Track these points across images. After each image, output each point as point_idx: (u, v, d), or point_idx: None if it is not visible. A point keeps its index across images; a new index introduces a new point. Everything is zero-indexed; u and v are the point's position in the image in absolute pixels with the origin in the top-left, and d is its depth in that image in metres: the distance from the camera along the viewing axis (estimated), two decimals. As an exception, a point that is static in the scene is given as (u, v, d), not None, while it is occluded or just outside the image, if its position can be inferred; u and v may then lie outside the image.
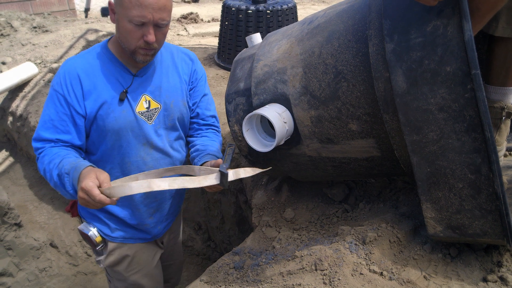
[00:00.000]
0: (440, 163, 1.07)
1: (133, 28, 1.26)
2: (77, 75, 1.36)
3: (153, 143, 1.50)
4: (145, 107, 1.46)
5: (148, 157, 1.52)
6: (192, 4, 7.19)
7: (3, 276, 2.60)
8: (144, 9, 1.22)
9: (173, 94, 1.52)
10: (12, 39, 4.52)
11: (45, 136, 1.36)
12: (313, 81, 1.35)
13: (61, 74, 1.38)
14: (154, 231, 1.68)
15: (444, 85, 0.99)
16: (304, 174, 1.65)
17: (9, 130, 3.85)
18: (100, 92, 1.38)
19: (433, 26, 1.00)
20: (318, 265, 1.19)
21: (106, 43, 1.43)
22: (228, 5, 3.23)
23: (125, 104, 1.42)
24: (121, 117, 1.41)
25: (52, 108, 1.36)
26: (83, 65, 1.39)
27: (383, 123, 1.23)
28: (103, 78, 1.39)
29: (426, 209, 1.14)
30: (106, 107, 1.38)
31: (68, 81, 1.35)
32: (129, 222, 1.60)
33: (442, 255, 1.21)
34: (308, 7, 6.77)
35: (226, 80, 3.22)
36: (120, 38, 1.33)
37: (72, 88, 1.35)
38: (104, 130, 1.40)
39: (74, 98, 1.35)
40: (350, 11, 1.36)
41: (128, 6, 1.22)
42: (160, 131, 1.52)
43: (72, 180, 1.21)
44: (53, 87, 1.38)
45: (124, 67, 1.42)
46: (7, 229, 2.64)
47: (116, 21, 1.31)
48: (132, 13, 1.23)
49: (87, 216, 1.60)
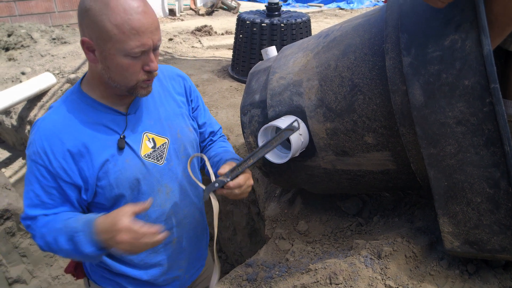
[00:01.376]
0: (458, 177, 1.06)
1: (131, 61, 1.05)
2: (57, 138, 1.09)
3: (168, 185, 1.29)
4: (150, 147, 1.23)
5: (167, 203, 1.30)
6: (206, 17, 7.32)
7: (17, 283, 2.63)
8: (143, 36, 1.01)
9: (176, 122, 1.32)
10: (32, 50, 4.65)
11: (35, 214, 1.13)
12: (329, 93, 1.36)
13: (36, 140, 1.10)
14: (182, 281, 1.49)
15: (462, 98, 0.99)
16: (318, 187, 1.65)
17: (26, 138, 3.93)
18: (94, 151, 1.13)
19: (451, 40, 1.00)
20: (333, 279, 1.18)
21: (78, 88, 1.17)
22: (243, 18, 3.28)
23: (127, 151, 1.18)
24: (126, 169, 1.17)
25: (35, 183, 1.11)
26: (61, 122, 1.12)
27: (400, 136, 1.23)
28: (90, 131, 1.13)
29: (443, 223, 1.13)
30: (106, 165, 1.15)
31: (47, 147, 1.08)
32: (158, 283, 1.40)
33: (459, 271, 1.19)
34: (320, 21, 6.83)
35: (240, 92, 3.25)
36: (113, 78, 1.08)
37: (54, 155, 1.09)
38: (110, 188, 1.17)
39: (59, 167, 1.10)
40: (366, 25, 1.37)
41: (121, 39, 1.00)
42: (174, 169, 1.30)
43: (88, 235, 1.03)
44: (30, 157, 1.11)
45: (111, 109, 1.17)
46: (22, 236, 2.68)
47: (101, 60, 1.06)
48: (129, 45, 1.01)
49: (100, 280, 1.37)
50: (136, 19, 1.00)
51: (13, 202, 2.60)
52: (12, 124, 4.01)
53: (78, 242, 1.04)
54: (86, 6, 1.01)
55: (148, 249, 1.28)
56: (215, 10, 7.74)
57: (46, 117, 1.14)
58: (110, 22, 0.99)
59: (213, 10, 7.69)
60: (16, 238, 2.65)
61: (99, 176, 1.14)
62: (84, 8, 1.02)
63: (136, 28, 1.00)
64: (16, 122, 3.96)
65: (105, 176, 1.15)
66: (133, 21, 1.00)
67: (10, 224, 2.58)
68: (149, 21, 1.02)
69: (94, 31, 1.01)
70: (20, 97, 3.64)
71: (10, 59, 4.56)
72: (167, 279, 1.42)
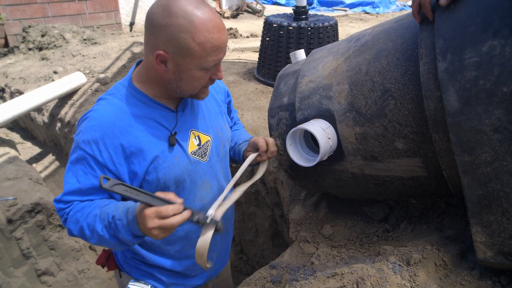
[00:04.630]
0: (493, 186, 1.03)
1: (204, 74, 1.11)
2: (110, 130, 1.11)
3: (208, 181, 1.33)
4: (196, 145, 1.27)
5: (206, 199, 1.33)
6: (231, 20, 7.39)
7: (45, 275, 2.72)
8: (220, 51, 1.09)
9: (217, 121, 1.38)
10: (64, 50, 4.81)
11: (72, 198, 1.14)
12: (359, 98, 1.35)
13: (88, 129, 1.11)
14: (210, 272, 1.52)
15: (500, 106, 0.97)
16: (344, 191, 1.64)
17: (56, 135, 4.07)
18: (145, 146, 1.15)
19: (489, 46, 0.99)
20: (360, 284, 1.17)
21: (130, 82, 1.19)
22: (270, 21, 3.30)
23: (176, 148, 1.21)
24: (175, 165, 1.20)
25: (80, 170, 1.12)
26: (114, 114, 1.13)
27: (432, 143, 1.21)
28: (142, 126, 1.15)
29: (476, 232, 1.10)
30: (156, 160, 1.17)
31: (99, 138, 1.10)
32: (190, 273, 1.43)
33: (491, 282, 1.16)
34: (345, 25, 6.78)
35: (265, 94, 3.27)
36: (182, 87, 1.13)
37: (105, 146, 1.11)
38: (156, 183, 1.19)
39: (108, 158, 1.11)
40: (399, 29, 1.36)
41: (202, 55, 1.05)
42: (214, 165, 1.35)
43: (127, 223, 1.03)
44: (79, 145, 1.11)
45: (162, 105, 1.20)
46: (52, 230, 2.76)
47: (174, 71, 1.09)
48: (208, 61, 1.07)
49: (134, 272, 1.39)
50: (217, 38, 1.06)
51: (44, 197, 2.70)
52: (44, 121, 4.15)
53: (116, 229, 1.04)
54: (163, 22, 1.03)
55: (184, 241, 1.36)
56: (240, 13, 7.80)
57: (100, 108, 1.15)
58: (194, 41, 1.03)
59: (238, 13, 7.75)
60: (46, 231, 2.74)
61: (149, 170, 1.17)
62: (161, 24, 1.04)
63: (217, 46, 1.06)
64: (47, 120, 4.10)
65: (153, 171, 1.17)
66: (215, 40, 1.05)
67: (40, 217, 2.67)
68: (225, 38, 1.09)
69: (173, 46, 1.05)
70: (52, 95, 3.77)
71: (43, 58, 4.73)
72: (197, 269, 1.44)
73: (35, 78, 4.32)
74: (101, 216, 1.07)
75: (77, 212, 1.12)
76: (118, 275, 1.47)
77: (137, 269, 1.39)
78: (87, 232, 1.09)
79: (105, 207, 1.09)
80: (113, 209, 1.07)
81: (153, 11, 1.06)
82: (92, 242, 1.11)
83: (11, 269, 2.57)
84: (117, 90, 1.20)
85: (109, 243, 1.09)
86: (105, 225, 1.06)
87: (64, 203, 1.15)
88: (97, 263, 1.47)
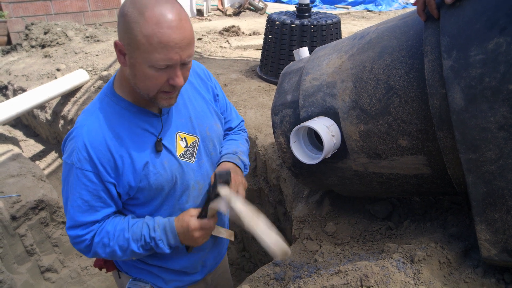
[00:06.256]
0: (498, 184, 1.03)
1: (155, 73, 1.04)
2: (101, 144, 1.11)
3: (199, 182, 1.32)
4: (183, 147, 1.25)
5: (199, 199, 1.34)
6: (234, 18, 7.38)
7: (48, 271, 2.73)
8: (170, 50, 1.00)
9: (205, 120, 1.34)
10: (67, 47, 4.81)
11: (85, 220, 1.15)
12: (364, 95, 1.35)
13: (79, 147, 1.10)
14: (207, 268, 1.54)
15: (505, 103, 0.97)
16: (348, 189, 1.64)
17: (59, 132, 4.08)
18: (135, 155, 1.15)
19: (495, 44, 0.98)
20: (364, 281, 1.17)
21: (111, 90, 1.17)
22: (273, 19, 3.29)
23: (164, 153, 1.20)
24: (165, 170, 1.21)
25: (82, 190, 1.12)
26: (102, 128, 1.12)
27: (436, 140, 1.21)
28: (130, 135, 1.15)
29: (481, 230, 1.10)
30: (146, 167, 1.17)
31: (93, 153, 1.10)
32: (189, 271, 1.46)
33: (495, 280, 1.16)
34: (348, 23, 6.77)
35: (268, 92, 3.26)
36: (137, 84, 1.09)
37: (99, 160, 1.11)
38: (148, 188, 1.20)
39: (105, 170, 1.13)
40: (403, 27, 1.36)
41: (148, 50, 0.99)
42: (204, 165, 1.33)
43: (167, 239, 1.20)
44: (74, 165, 1.10)
45: (146, 111, 1.18)
46: (55, 227, 2.78)
47: (129, 65, 1.06)
48: (154, 57, 1.00)
49: (133, 271, 1.41)
50: (166, 34, 0.99)
51: (48, 193, 2.71)
52: (47, 118, 4.16)
53: (155, 247, 1.19)
54: (124, 11, 1.02)
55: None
56: (242, 10, 7.79)
57: (86, 124, 1.13)
58: (141, 32, 0.99)
59: (240, 10, 7.74)
60: (49, 228, 2.75)
61: (141, 178, 1.17)
62: (122, 12, 1.02)
63: (164, 42, 0.99)
64: (50, 117, 4.11)
65: (145, 178, 1.18)
66: (162, 35, 0.98)
67: (44, 214, 2.68)
68: (180, 37, 1.00)
69: (126, 37, 1.02)
70: (54, 93, 3.78)
71: (46, 56, 4.73)
72: (197, 267, 1.46)
73: (38, 76, 4.33)
74: (134, 238, 1.18)
75: (103, 238, 1.18)
76: (117, 275, 1.48)
77: (135, 267, 1.39)
78: (119, 252, 1.19)
79: (134, 228, 1.20)
80: (146, 230, 1.20)
81: (124, 3, 1.05)
82: (122, 259, 1.26)
83: (15, 265, 2.58)
84: (99, 100, 1.18)
85: (141, 256, 1.24)
86: (142, 245, 1.19)
87: (80, 228, 1.16)
88: (95, 265, 1.48)
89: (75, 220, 1.15)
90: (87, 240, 1.18)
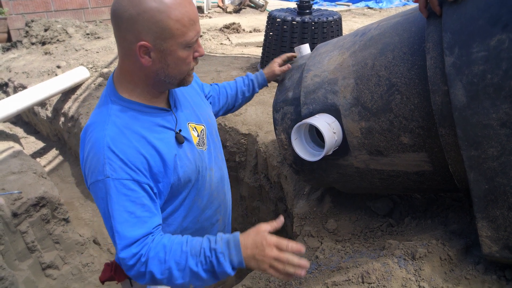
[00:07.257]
0: (500, 181, 1.03)
1: (188, 52, 1.08)
2: (132, 149, 1.07)
3: (212, 168, 1.34)
4: (196, 136, 1.28)
5: (213, 185, 1.34)
6: (234, 15, 7.36)
7: (50, 268, 2.74)
8: (196, 23, 1.06)
9: (203, 110, 1.38)
10: (67, 44, 4.80)
11: (137, 234, 1.05)
12: (365, 92, 1.35)
13: (110, 158, 1.05)
14: None
15: (508, 100, 0.97)
16: (349, 186, 1.64)
17: (60, 130, 4.08)
18: (163, 152, 1.13)
19: (497, 40, 0.98)
20: (365, 278, 1.17)
21: (117, 95, 1.14)
22: (274, 16, 3.28)
23: (186, 144, 1.21)
24: (189, 161, 1.21)
25: (124, 201, 1.05)
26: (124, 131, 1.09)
27: (438, 137, 1.21)
28: (152, 135, 1.13)
29: (482, 227, 1.10)
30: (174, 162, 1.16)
31: (126, 160, 1.06)
32: None
33: (496, 276, 1.17)
34: (348, 20, 6.75)
35: (269, 89, 3.26)
36: (169, 73, 1.10)
37: (135, 165, 1.07)
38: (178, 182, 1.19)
39: (142, 174, 1.09)
40: (405, 23, 1.35)
41: (182, 31, 1.03)
42: (212, 152, 1.36)
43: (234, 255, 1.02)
44: (110, 178, 1.04)
45: (157, 108, 1.18)
46: (56, 224, 2.78)
47: (160, 59, 1.06)
48: (189, 36, 1.04)
49: None
50: (191, 10, 1.04)
51: (49, 190, 2.71)
52: (47, 115, 4.16)
53: (217, 262, 1.02)
54: (134, 12, 0.99)
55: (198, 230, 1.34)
56: (242, 8, 7.76)
57: (106, 134, 1.07)
58: (171, 19, 1.00)
59: (241, 8, 7.72)
60: (50, 225, 2.75)
61: (172, 173, 1.16)
62: (133, 15, 1.00)
63: (193, 18, 1.04)
64: (51, 114, 4.11)
65: (175, 173, 1.16)
66: (190, 13, 1.04)
67: (45, 211, 2.68)
68: (195, 10, 1.07)
69: (152, 31, 1.01)
70: (55, 90, 3.77)
71: (46, 53, 4.73)
72: None
73: (38, 73, 4.33)
74: (192, 252, 1.04)
75: (159, 252, 1.05)
76: (129, 284, 1.38)
77: None
78: (175, 272, 1.04)
79: (193, 242, 1.07)
80: (207, 243, 1.05)
81: (118, 7, 1.02)
82: (177, 283, 1.06)
83: (16, 262, 2.58)
84: (109, 109, 1.12)
85: (200, 279, 1.05)
86: (201, 261, 1.03)
87: (134, 245, 1.05)
88: (101, 279, 1.34)
89: (127, 238, 1.04)
90: (143, 255, 1.05)
